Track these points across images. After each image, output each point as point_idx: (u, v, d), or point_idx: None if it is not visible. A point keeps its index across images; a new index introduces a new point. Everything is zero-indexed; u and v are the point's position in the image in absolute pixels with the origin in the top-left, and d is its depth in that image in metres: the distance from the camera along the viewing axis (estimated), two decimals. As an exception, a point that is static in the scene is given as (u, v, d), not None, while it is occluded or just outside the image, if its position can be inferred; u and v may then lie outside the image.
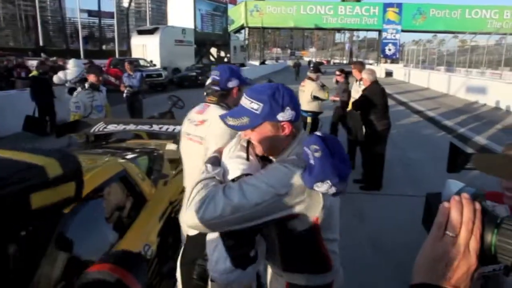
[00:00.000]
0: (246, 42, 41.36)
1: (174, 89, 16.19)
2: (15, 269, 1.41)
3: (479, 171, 0.95)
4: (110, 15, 33.45)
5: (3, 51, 22.16)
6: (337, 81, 6.04)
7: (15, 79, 10.94)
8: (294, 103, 1.11)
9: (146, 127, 3.50)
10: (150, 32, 21.58)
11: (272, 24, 39.11)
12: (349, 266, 1.91)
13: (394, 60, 33.81)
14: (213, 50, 30.62)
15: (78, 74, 8.45)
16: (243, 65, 30.03)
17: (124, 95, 7.55)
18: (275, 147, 1.14)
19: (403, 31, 35.63)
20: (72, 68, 8.93)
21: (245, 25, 38.28)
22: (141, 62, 17.58)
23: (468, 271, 0.51)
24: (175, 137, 3.55)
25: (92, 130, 3.51)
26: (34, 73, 8.31)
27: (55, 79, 8.50)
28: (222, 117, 1.15)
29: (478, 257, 0.51)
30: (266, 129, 1.10)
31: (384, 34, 35.14)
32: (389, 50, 34.88)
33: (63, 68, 9.76)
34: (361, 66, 5.09)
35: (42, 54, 16.18)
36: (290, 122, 1.10)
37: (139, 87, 7.56)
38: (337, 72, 6.11)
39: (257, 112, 1.08)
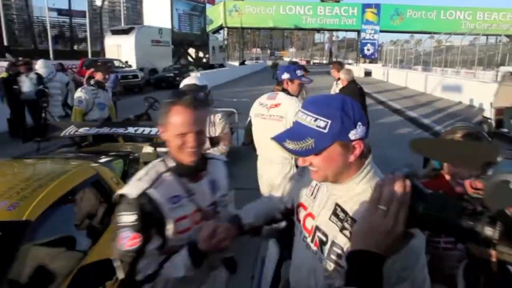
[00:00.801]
0: (225, 42, 41.27)
1: (151, 90, 15.94)
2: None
3: None
4: (81, 14, 32.67)
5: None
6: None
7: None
8: (363, 116, 0.92)
9: (121, 130, 3.43)
10: (125, 32, 21.20)
11: (251, 24, 39.28)
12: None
13: (373, 60, 34.68)
14: (192, 51, 30.42)
15: (47, 75, 8.20)
16: (222, 65, 29.96)
17: None
18: (342, 173, 0.93)
19: (381, 31, 36.67)
20: (40, 69, 8.63)
21: (224, 25, 38.25)
22: (116, 63, 17.22)
23: (396, 239, 0.62)
24: (151, 140, 3.50)
25: (62, 134, 3.41)
26: (4, 75, 7.95)
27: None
28: (279, 141, 0.92)
29: (405, 224, 0.61)
30: (335, 151, 0.89)
31: (362, 35, 36.00)
32: (368, 50, 35.74)
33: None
34: (339, 66, 5.20)
35: (7, 55, 15.54)
36: (362, 140, 0.90)
37: (113, 89, 7.39)
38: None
39: (325, 131, 0.87)
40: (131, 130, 3.39)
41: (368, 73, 27.74)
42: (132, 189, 1.17)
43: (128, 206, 1.15)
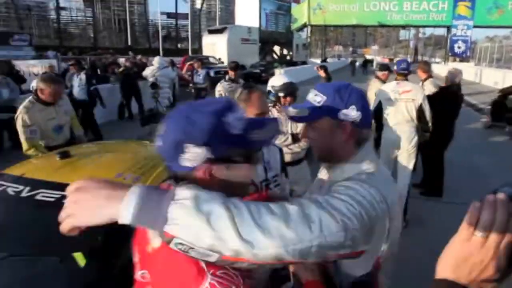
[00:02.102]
0: (308, 40, 40.52)
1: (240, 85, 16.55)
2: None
3: None
4: (185, 16, 35.31)
5: (102, 50, 24.73)
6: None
7: (110, 75, 12.18)
8: (361, 104, 0.93)
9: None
10: (219, 31, 22.29)
11: (334, 22, 37.82)
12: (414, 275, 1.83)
13: (463, 58, 30.52)
14: (276, 48, 30.66)
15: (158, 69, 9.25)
16: (304, 62, 29.57)
17: (189, 90, 8.12)
18: (333, 151, 0.95)
19: (475, 27, 31.90)
20: (156, 65, 9.67)
21: (307, 23, 37.56)
22: (211, 60, 18.28)
23: (496, 273, 0.48)
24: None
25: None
26: (121, 69, 9.25)
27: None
28: (285, 108, 1.09)
29: (509, 261, 0.47)
30: (326, 125, 0.93)
31: (453, 31, 31.85)
32: (459, 47, 31.51)
33: (145, 65, 10.59)
34: (426, 66, 4.73)
35: (130, 53, 17.68)
36: (353, 125, 0.92)
37: (202, 84, 7.92)
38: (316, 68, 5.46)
39: (319, 104, 0.93)
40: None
41: (457, 73, 24.53)
42: None
43: None
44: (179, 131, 0.68)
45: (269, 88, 2.80)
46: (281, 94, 2.73)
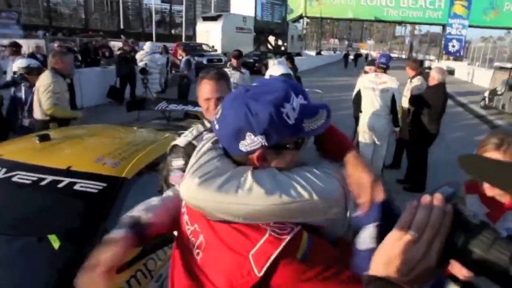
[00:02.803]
0: (304, 31, 40.28)
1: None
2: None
3: None
4: (179, 1, 34.56)
5: (93, 32, 24.17)
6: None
7: (100, 58, 11.93)
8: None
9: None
10: (214, 18, 22.00)
11: (330, 15, 37.56)
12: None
13: (457, 57, 30.78)
14: (271, 38, 30.37)
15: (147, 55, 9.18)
16: (299, 54, 29.45)
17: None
18: None
19: (470, 26, 32.07)
20: (145, 50, 9.52)
21: (303, 14, 37.24)
22: (204, 47, 18.07)
23: (426, 271, 0.49)
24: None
25: (156, 108, 3.78)
26: (119, 52, 9.10)
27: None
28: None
29: (439, 258, 0.48)
30: None
31: (448, 29, 31.96)
32: (453, 46, 31.72)
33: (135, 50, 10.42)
34: (414, 64, 4.81)
35: (122, 36, 17.33)
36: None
37: (182, 71, 7.87)
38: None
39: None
40: (211, 110, 3.62)
41: (450, 72, 24.78)
42: (181, 141, 1.48)
43: (178, 153, 1.45)
44: (240, 120, 0.71)
45: (267, 77, 2.82)
46: None
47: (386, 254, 0.51)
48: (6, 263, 1.47)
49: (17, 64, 3.78)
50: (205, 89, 1.48)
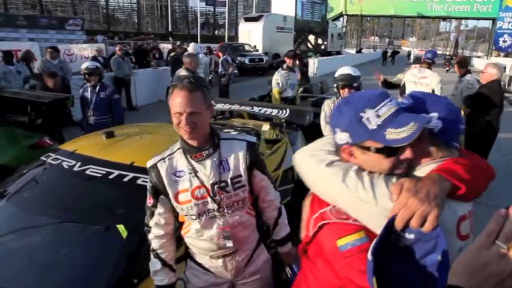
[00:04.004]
0: (344, 30, 38.99)
1: (273, 73, 16.40)
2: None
3: None
4: (222, 3, 35.10)
5: (144, 36, 25.42)
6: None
7: (151, 59, 12.50)
8: (448, 114, 0.86)
9: (248, 108, 3.70)
10: (255, 19, 21.99)
11: (371, 12, 35.93)
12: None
13: (509, 53, 27.96)
14: (311, 37, 29.77)
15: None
16: (339, 53, 28.60)
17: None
18: None
19: (525, 19, 28.95)
20: (190, 51, 9.80)
21: (343, 12, 36.01)
22: (246, 47, 18.18)
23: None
24: (270, 120, 3.69)
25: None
26: (173, 54, 9.50)
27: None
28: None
29: None
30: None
31: (499, 23, 29.06)
32: (504, 42, 28.81)
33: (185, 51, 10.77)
34: (465, 61, 4.51)
35: (170, 39, 18.02)
36: (430, 133, 0.88)
37: (220, 71, 8.13)
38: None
39: (403, 106, 0.89)
40: (255, 109, 3.63)
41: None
42: (150, 161, 1.33)
43: (148, 173, 1.33)
44: (335, 118, 0.87)
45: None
46: (336, 85, 2.73)
47: (469, 264, 0.46)
48: (79, 247, 1.59)
49: (81, 67, 4.08)
50: (176, 101, 1.19)
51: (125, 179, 1.77)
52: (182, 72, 4.42)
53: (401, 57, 34.51)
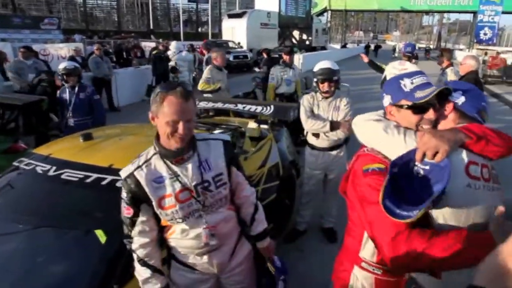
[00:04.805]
0: (328, 25, 39.29)
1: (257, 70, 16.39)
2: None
3: None
4: (205, 0, 34.82)
5: (125, 34, 24.93)
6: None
7: (132, 58, 12.27)
8: (469, 91, 1.14)
9: (232, 106, 3.68)
10: (239, 15, 21.90)
11: (355, 7, 36.39)
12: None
13: (489, 46, 28.79)
14: (296, 33, 29.90)
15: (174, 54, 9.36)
16: (324, 48, 28.82)
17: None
18: (438, 124, 1.17)
19: (503, 12, 29.84)
20: (172, 50, 9.69)
21: (327, 7, 36.31)
22: (230, 44, 18.09)
23: None
24: (256, 117, 3.68)
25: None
26: (155, 52, 9.31)
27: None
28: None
29: None
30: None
31: (480, 16, 29.88)
32: (485, 34, 29.64)
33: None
34: (449, 54, 4.60)
35: (152, 37, 17.74)
36: (455, 106, 1.13)
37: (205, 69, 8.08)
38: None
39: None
40: (240, 106, 3.61)
41: (484, 61, 23.22)
42: (124, 171, 1.30)
43: (122, 184, 1.29)
44: (385, 86, 1.21)
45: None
46: (316, 79, 2.77)
47: (496, 268, 0.44)
48: (56, 254, 1.55)
49: (59, 67, 3.95)
50: (171, 109, 1.17)
51: (104, 182, 1.73)
52: (208, 68, 4.58)
53: (384, 51, 35.11)
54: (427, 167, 0.97)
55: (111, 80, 7.97)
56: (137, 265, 1.33)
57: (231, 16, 22.82)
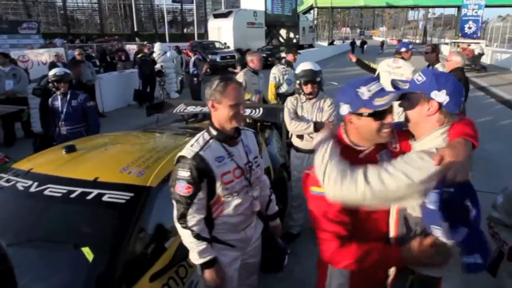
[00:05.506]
0: (315, 22, 39.53)
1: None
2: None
3: None
4: (190, 0, 34.60)
5: (108, 37, 24.56)
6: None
7: (117, 61, 12.08)
8: (454, 91, 1.12)
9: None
10: (225, 15, 21.82)
11: (341, 4, 36.77)
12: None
13: (474, 39, 29.40)
14: (283, 32, 29.98)
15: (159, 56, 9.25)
16: (311, 46, 28.97)
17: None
18: (417, 123, 1.17)
19: (486, 6, 30.49)
20: (157, 51, 9.57)
21: (314, 5, 36.58)
22: (217, 45, 18.01)
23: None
24: (244, 120, 3.66)
25: (174, 111, 3.78)
26: (140, 55, 9.16)
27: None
28: (394, 83, 1.25)
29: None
30: (417, 98, 1.15)
31: (464, 11, 30.41)
32: (469, 28, 30.24)
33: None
34: (437, 49, 4.73)
35: (136, 39, 17.53)
36: (440, 106, 1.12)
37: (192, 72, 8.10)
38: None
39: (418, 82, 1.16)
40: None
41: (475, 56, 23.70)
42: (188, 152, 1.49)
43: (184, 164, 1.47)
44: (340, 96, 1.20)
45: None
46: (299, 81, 2.78)
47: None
48: (41, 276, 1.50)
49: (49, 74, 3.83)
50: (234, 94, 1.47)
51: (89, 197, 1.68)
52: (243, 71, 4.43)
53: (371, 47, 35.53)
54: (452, 190, 1.02)
55: (94, 85, 7.82)
56: (192, 240, 1.49)
57: (216, 16, 22.72)
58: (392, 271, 1.25)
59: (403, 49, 4.59)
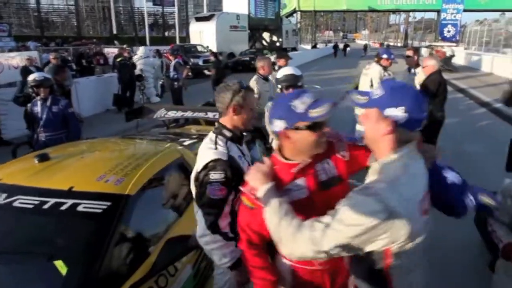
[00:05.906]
0: (298, 26, 40.06)
1: (229, 73, 16.33)
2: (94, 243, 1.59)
3: None
4: (171, 3, 34.38)
5: (86, 40, 24.06)
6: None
7: (95, 65, 11.83)
8: (414, 107, 0.99)
9: (201, 115, 3.62)
10: (207, 18, 21.80)
11: (324, 7, 37.36)
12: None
13: (453, 42, 30.56)
14: (266, 35, 30.20)
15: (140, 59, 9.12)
16: (294, 49, 29.30)
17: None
18: (375, 142, 1.06)
19: (465, 10, 31.84)
20: (139, 54, 9.45)
21: (297, 9, 37.05)
22: (199, 48, 17.95)
23: None
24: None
25: (155, 116, 3.74)
26: (119, 59, 8.99)
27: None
28: (350, 92, 1.19)
29: None
30: (372, 115, 1.03)
31: (443, 15, 31.69)
32: (448, 31, 31.47)
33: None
34: (417, 53, 4.84)
35: (116, 42, 17.25)
36: (397, 124, 1.00)
37: (172, 76, 8.03)
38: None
39: (375, 97, 1.04)
40: (210, 114, 3.56)
41: (447, 58, 24.58)
42: (219, 154, 1.52)
43: (219, 166, 1.49)
44: (272, 111, 1.18)
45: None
46: (281, 86, 2.82)
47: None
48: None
49: (29, 78, 3.72)
50: (253, 100, 1.66)
51: (63, 208, 1.63)
52: (253, 78, 4.10)
53: (354, 50, 36.26)
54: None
55: (70, 90, 7.62)
56: (223, 242, 1.53)
57: (199, 19, 22.67)
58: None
59: (384, 56, 4.58)
